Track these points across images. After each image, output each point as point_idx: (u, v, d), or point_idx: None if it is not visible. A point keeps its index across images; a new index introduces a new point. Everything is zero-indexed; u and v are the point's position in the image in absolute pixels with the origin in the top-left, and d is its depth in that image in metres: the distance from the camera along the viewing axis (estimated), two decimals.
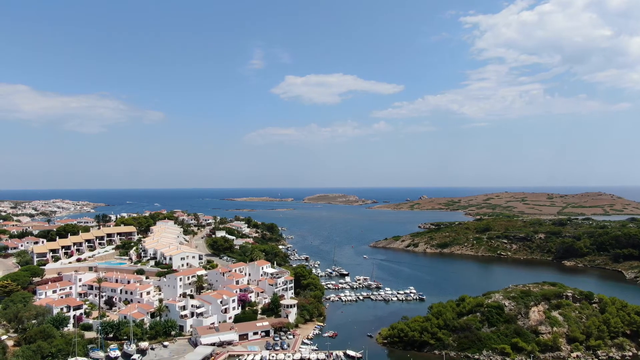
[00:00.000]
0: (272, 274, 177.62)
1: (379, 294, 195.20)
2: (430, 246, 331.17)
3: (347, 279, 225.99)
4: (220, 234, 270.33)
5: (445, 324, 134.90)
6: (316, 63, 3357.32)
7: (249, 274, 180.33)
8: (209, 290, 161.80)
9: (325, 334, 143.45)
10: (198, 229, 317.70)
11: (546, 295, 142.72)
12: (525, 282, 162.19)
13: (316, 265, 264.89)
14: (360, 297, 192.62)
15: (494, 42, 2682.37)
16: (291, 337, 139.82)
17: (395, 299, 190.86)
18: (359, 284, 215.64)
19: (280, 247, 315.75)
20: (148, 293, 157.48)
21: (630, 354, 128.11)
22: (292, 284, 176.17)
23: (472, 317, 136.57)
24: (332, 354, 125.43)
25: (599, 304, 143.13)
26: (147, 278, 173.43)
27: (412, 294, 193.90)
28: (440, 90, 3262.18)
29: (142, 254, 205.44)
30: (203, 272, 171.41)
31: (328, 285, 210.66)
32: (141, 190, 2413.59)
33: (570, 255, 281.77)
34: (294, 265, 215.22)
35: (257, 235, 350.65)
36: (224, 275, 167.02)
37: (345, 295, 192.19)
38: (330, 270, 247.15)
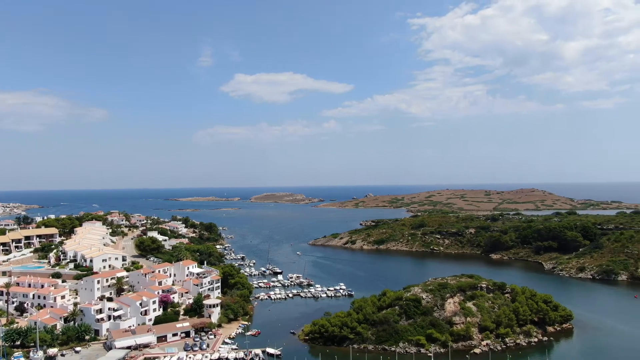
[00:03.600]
0: (198, 274, 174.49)
1: (309, 292, 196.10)
2: (367, 243, 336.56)
3: (280, 277, 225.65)
4: (152, 234, 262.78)
5: (365, 318, 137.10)
6: (267, 61, 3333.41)
7: (174, 275, 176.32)
8: (130, 293, 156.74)
9: (248, 333, 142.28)
10: (129, 229, 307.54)
11: (462, 287, 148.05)
12: (455, 275, 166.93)
13: (251, 264, 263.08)
14: (290, 295, 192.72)
15: (440, 43, 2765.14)
16: (212, 337, 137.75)
17: (324, 295, 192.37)
18: (291, 281, 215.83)
19: (218, 246, 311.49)
20: (63, 297, 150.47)
21: (536, 340, 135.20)
22: (219, 284, 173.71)
23: (391, 311, 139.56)
24: (251, 352, 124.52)
25: (511, 294, 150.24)
26: (64, 282, 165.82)
27: (341, 290, 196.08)
28: (389, 90, 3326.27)
29: (62, 257, 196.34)
30: (124, 273, 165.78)
31: (259, 284, 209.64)
32: (81, 191, 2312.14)
33: (497, 248, 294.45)
34: (222, 265, 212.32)
35: (194, 235, 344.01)
36: (146, 277, 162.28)
37: (275, 294, 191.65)
38: (264, 269, 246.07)
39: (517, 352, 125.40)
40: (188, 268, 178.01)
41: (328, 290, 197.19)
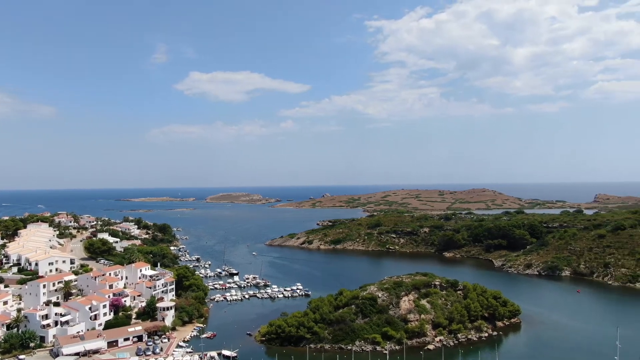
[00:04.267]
0: (151, 276, 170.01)
1: (266, 292, 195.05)
2: (324, 243, 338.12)
3: (236, 278, 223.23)
4: (102, 236, 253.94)
5: (321, 318, 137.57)
6: (223, 60, 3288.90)
7: (126, 277, 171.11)
8: (78, 297, 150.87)
9: (203, 336, 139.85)
10: (78, 231, 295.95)
11: (416, 285, 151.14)
12: (410, 274, 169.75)
13: (207, 266, 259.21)
14: (247, 296, 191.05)
15: (396, 46, 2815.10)
16: (166, 340, 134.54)
17: (281, 296, 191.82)
18: (247, 282, 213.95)
19: (172, 248, 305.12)
20: (5, 303, 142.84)
21: (487, 334, 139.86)
22: (173, 286, 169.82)
23: (347, 310, 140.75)
24: (206, 355, 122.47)
25: (463, 291, 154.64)
26: (6, 287, 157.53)
27: (298, 290, 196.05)
28: (346, 91, 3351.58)
29: (4, 261, 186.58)
30: (72, 277, 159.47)
31: (215, 286, 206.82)
32: (25, 191, 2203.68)
33: (450, 247, 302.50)
34: (176, 267, 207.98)
35: (147, 236, 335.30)
36: (96, 280, 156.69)
37: (231, 295, 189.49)
38: (220, 270, 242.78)
39: (469, 347, 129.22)
40: (141, 270, 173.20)
41: (285, 290, 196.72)
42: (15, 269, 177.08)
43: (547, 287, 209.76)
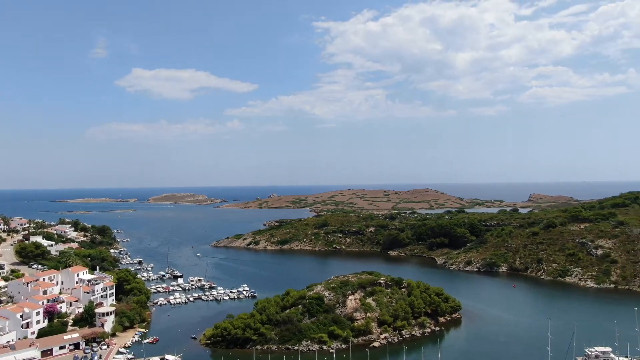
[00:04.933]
0: (89, 281, 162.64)
1: (211, 294, 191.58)
2: (271, 243, 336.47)
3: (180, 280, 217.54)
4: (36, 239, 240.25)
5: (268, 319, 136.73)
6: (167, 57, 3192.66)
7: (62, 282, 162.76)
8: (9, 304, 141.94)
9: (146, 341, 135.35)
10: (8, 234, 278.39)
11: (362, 284, 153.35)
12: (356, 273, 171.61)
13: (149, 269, 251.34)
14: (191, 299, 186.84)
15: (343, 48, 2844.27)
16: (106, 347, 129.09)
17: (227, 297, 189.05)
18: (192, 285, 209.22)
19: (112, 251, 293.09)
20: None
21: (429, 330, 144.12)
22: (113, 290, 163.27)
23: (294, 310, 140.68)
24: None
25: (407, 288, 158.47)
26: None
27: (244, 292, 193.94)
28: (293, 91, 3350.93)
29: None
30: (1, 283, 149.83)
31: (158, 289, 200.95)
32: None
33: (395, 245, 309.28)
34: (116, 270, 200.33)
35: (85, 239, 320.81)
36: (28, 286, 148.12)
37: (175, 298, 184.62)
38: (163, 273, 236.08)
39: (413, 343, 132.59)
40: (78, 275, 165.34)
41: (231, 292, 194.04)
42: None
43: (486, 282, 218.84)
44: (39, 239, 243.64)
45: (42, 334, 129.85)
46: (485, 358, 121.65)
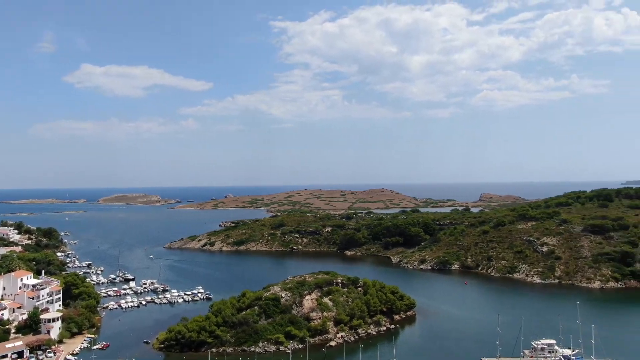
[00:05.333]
0: (34, 286, 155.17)
1: (165, 297, 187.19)
2: (227, 244, 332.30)
3: (132, 283, 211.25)
4: None
5: (224, 321, 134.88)
6: (119, 53, 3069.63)
7: (4, 288, 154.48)
8: None
9: (95, 347, 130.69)
10: None
11: (319, 284, 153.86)
12: (312, 273, 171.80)
13: (99, 272, 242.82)
14: (144, 302, 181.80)
15: (300, 48, 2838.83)
16: (52, 355, 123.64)
17: (181, 300, 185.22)
18: (145, 288, 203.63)
19: (59, 254, 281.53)
20: None
21: (385, 328, 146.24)
22: (60, 295, 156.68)
23: (250, 312, 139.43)
24: None
25: (363, 287, 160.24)
26: None
27: (199, 294, 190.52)
28: (249, 90, 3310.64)
29: None
30: None
31: (108, 293, 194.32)
32: None
33: (351, 245, 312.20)
34: (64, 274, 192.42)
35: (29, 242, 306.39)
36: None
37: (126, 302, 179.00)
38: (114, 276, 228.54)
39: (369, 341, 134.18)
40: (21, 280, 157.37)
41: (185, 294, 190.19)
42: None
43: (439, 280, 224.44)
44: None
45: None
46: (439, 353, 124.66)
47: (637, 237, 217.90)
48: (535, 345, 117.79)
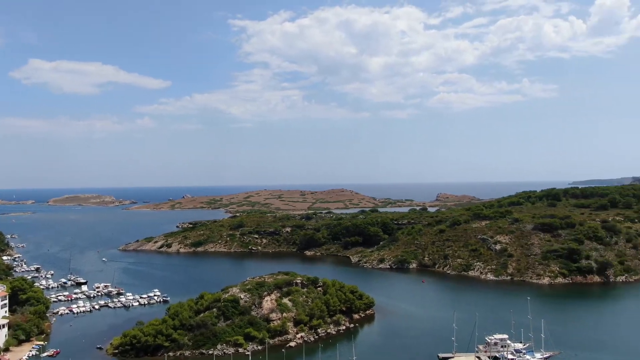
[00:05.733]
0: None
1: (119, 301, 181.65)
2: (184, 245, 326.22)
3: (84, 287, 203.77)
4: None
5: (181, 324, 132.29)
6: (70, 48, 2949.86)
7: None
8: None
9: (44, 354, 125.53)
10: None
11: (278, 284, 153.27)
12: (272, 273, 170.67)
13: (49, 276, 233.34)
14: (97, 307, 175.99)
15: (260, 47, 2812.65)
16: None
17: (137, 304, 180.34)
18: (98, 292, 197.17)
19: (5, 258, 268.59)
20: None
21: (344, 327, 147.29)
22: (6, 301, 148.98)
23: (209, 314, 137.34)
24: None
25: (323, 287, 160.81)
26: None
27: (155, 297, 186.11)
28: (208, 89, 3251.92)
29: None
30: None
31: (59, 297, 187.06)
32: None
33: (311, 245, 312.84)
34: (10, 279, 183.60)
35: None
36: None
37: (78, 307, 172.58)
38: (64, 280, 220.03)
39: (328, 341, 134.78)
40: None
41: (141, 297, 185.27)
42: None
43: (397, 279, 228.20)
44: None
45: None
46: (397, 351, 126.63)
47: (583, 235, 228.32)
48: (489, 341, 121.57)
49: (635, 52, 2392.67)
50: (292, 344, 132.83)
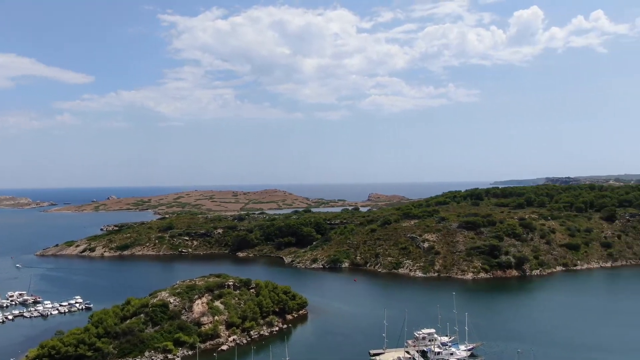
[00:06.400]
0: None
1: (36, 310, 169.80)
2: (109, 249, 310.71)
3: None
4: None
5: (106, 332, 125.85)
6: None
7: None
8: None
9: None
10: None
11: (210, 287, 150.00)
12: (203, 276, 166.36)
13: None
14: (10, 317, 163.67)
15: (191, 44, 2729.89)
16: None
17: (56, 312, 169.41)
18: (11, 301, 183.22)
19: None
20: None
21: (277, 328, 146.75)
22: None
23: (136, 320, 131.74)
24: None
25: (256, 289, 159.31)
26: None
27: (77, 305, 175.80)
28: (135, 85, 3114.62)
29: None
30: None
31: None
32: None
33: (244, 246, 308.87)
34: None
35: None
36: None
37: None
38: None
39: (261, 343, 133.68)
40: None
41: (61, 305, 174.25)
42: None
43: (330, 278, 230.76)
44: None
45: None
46: (330, 349, 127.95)
47: (502, 232, 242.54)
48: (417, 335, 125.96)
49: (548, 62, 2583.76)
50: (224, 347, 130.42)
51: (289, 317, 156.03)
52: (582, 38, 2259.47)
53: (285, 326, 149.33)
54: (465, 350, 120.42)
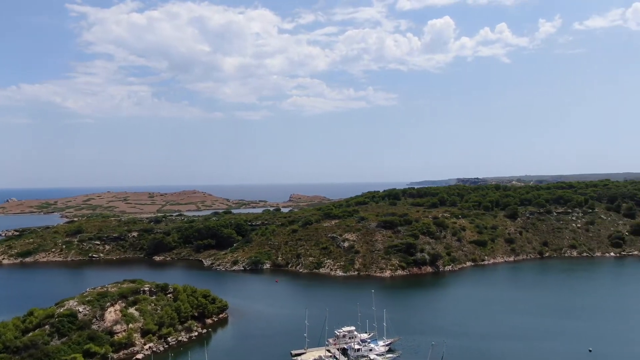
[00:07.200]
0: None
1: None
2: (9, 256, 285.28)
3: None
4: None
5: (5, 347, 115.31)
6: None
7: None
8: None
9: None
10: None
11: (123, 294, 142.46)
12: (116, 282, 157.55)
13: None
14: None
15: (103, 37, 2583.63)
16: None
17: None
18: None
19: None
20: None
21: (197, 333, 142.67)
22: None
23: (39, 332, 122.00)
24: None
25: (173, 293, 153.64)
26: None
27: None
28: (39, 79, 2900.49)
29: None
30: None
31: None
32: None
33: (160, 250, 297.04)
34: None
35: None
36: None
37: None
38: None
39: (179, 349, 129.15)
40: None
41: None
42: None
43: (251, 280, 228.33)
44: None
45: None
46: (251, 352, 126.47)
47: (418, 231, 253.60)
48: (338, 333, 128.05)
49: (459, 69, 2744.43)
50: (140, 356, 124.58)
51: (208, 321, 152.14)
52: (488, 48, 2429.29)
53: (204, 331, 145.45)
54: (383, 345, 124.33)
